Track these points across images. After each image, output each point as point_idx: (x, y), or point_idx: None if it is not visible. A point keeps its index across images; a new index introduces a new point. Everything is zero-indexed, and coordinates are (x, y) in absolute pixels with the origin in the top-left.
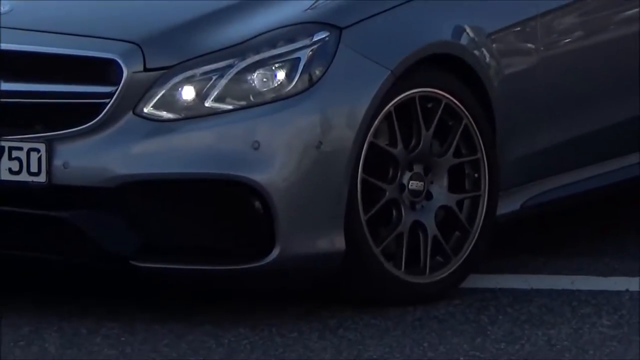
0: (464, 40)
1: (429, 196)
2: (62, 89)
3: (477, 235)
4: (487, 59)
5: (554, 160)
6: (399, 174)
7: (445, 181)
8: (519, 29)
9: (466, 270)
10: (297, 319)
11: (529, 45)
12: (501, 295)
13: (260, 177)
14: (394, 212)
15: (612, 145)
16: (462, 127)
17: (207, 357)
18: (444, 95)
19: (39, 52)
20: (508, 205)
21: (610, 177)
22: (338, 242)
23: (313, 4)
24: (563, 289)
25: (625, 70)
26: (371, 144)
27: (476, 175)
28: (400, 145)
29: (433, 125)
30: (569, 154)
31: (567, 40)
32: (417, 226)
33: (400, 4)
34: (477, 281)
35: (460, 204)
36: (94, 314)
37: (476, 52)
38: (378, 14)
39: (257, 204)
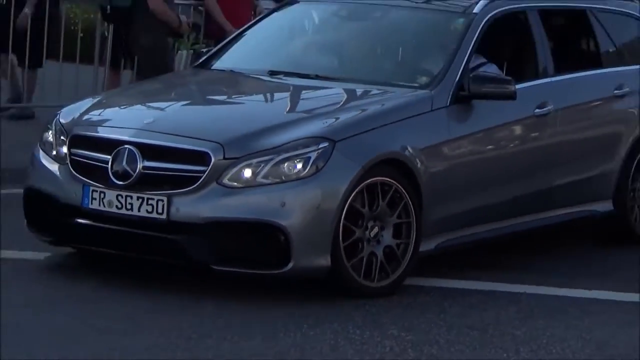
0: (406, 153)
1: (380, 239)
2: (177, 166)
3: (406, 264)
4: (419, 164)
5: (457, 221)
6: (364, 224)
7: (391, 231)
8: (438, 146)
9: (399, 282)
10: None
11: (444, 154)
12: (430, 292)
13: (284, 222)
14: (360, 245)
15: (498, 213)
16: (403, 202)
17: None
18: (394, 183)
19: (166, 145)
20: (427, 246)
21: (494, 232)
22: (326, 260)
23: (321, 127)
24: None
25: (509, 170)
26: (350, 206)
27: (408, 230)
28: (366, 209)
29: (387, 199)
30: (469, 217)
31: (470, 154)
32: (373, 254)
33: (368, 130)
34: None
35: (398, 245)
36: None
37: (412, 159)
38: (357, 135)
39: (282, 237)
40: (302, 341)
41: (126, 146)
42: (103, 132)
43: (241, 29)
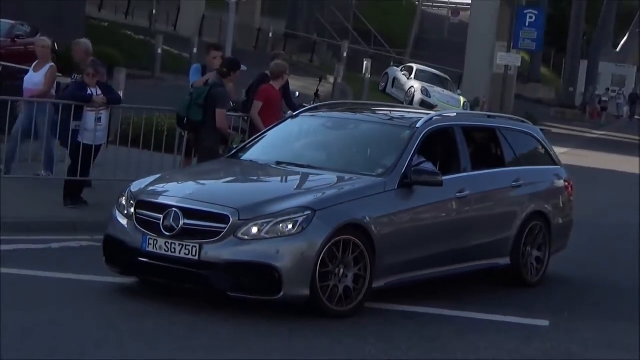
0: (365, 220)
1: (346, 277)
2: (207, 224)
3: (362, 295)
4: (374, 228)
5: (401, 267)
6: (335, 266)
7: (352, 272)
8: (387, 216)
9: (359, 307)
10: (289, 319)
11: (392, 221)
12: (388, 315)
13: (279, 264)
14: (331, 281)
15: (431, 263)
16: (361, 252)
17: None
18: (355, 239)
19: (199, 209)
20: (379, 283)
21: (429, 275)
22: (306, 291)
23: (307, 200)
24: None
25: (439, 234)
26: (325, 254)
27: (364, 273)
28: (339, 255)
29: (350, 251)
30: (409, 264)
31: (410, 221)
32: (339, 287)
33: (340, 204)
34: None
35: (357, 281)
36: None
37: (369, 224)
38: (332, 206)
39: (276, 274)
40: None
41: (173, 209)
42: (159, 199)
43: (261, 132)
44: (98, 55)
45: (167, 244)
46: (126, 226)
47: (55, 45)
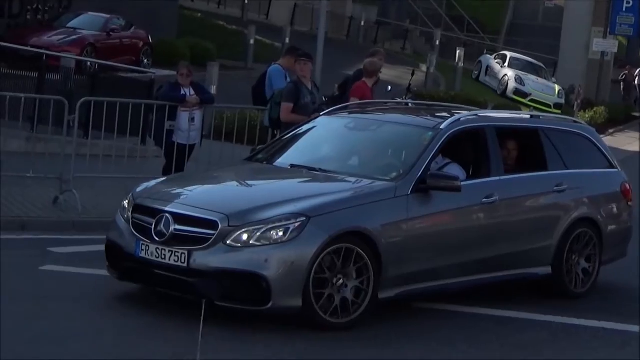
0: (369, 226)
1: (344, 288)
2: (197, 230)
3: (364, 307)
4: (380, 236)
5: (414, 276)
6: (332, 276)
7: (353, 284)
8: (397, 223)
9: (358, 321)
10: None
11: (402, 229)
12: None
13: (266, 273)
14: (327, 292)
15: (449, 273)
16: (364, 262)
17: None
18: (356, 248)
19: (190, 214)
20: (389, 294)
21: (447, 287)
22: (297, 301)
23: (303, 206)
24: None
25: (457, 242)
26: (320, 262)
27: (366, 285)
28: (339, 264)
29: (352, 261)
30: (424, 274)
31: (426, 229)
32: (336, 298)
33: (339, 210)
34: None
35: (359, 293)
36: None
37: (374, 232)
38: (329, 213)
39: (264, 283)
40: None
41: (165, 214)
42: (152, 204)
43: (282, 134)
44: (193, 49)
45: (157, 250)
46: (124, 230)
47: (149, 37)
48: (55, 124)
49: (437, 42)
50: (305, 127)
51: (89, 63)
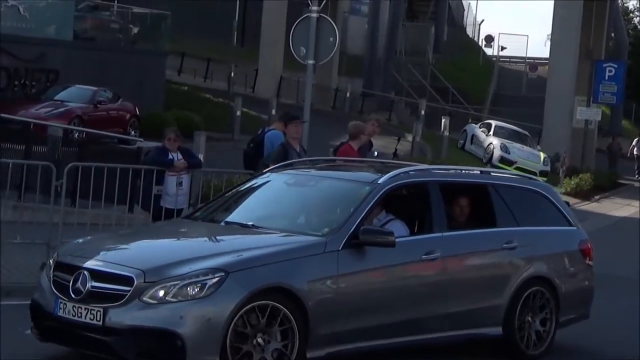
0: (293, 283)
1: (266, 346)
2: (112, 286)
3: None
4: (306, 293)
5: (346, 335)
6: (253, 334)
7: (276, 344)
8: (327, 280)
9: None
10: None
11: (332, 286)
12: None
13: (181, 330)
14: (246, 351)
15: (385, 332)
16: (287, 318)
17: None
18: (279, 306)
19: (105, 270)
20: (318, 353)
21: (382, 347)
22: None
23: (221, 261)
24: None
25: (394, 300)
26: (239, 319)
27: (290, 347)
28: (262, 322)
29: (277, 319)
30: (357, 333)
31: (358, 286)
32: (258, 358)
33: (261, 265)
34: None
35: (283, 351)
36: None
37: (298, 289)
38: (249, 268)
39: (179, 341)
40: None
41: (82, 271)
42: (71, 261)
43: (225, 191)
44: (180, 121)
45: (74, 308)
46: (45, 289)
47: (137, 109)
48: (42, 192)
49: (422, 112)
50: (247, 185)
51: (76, 134)
